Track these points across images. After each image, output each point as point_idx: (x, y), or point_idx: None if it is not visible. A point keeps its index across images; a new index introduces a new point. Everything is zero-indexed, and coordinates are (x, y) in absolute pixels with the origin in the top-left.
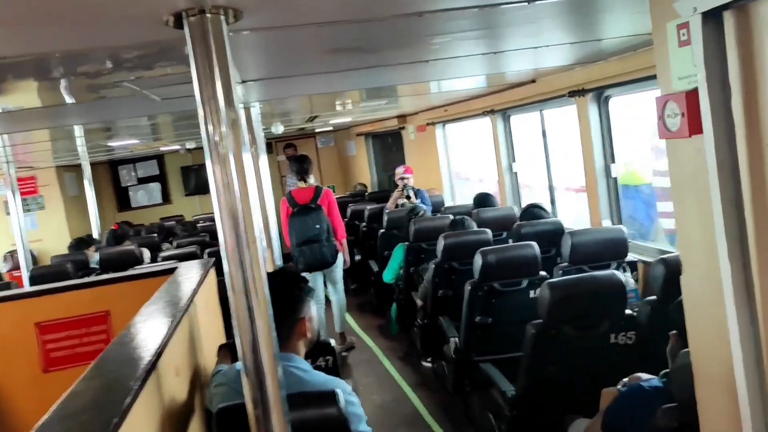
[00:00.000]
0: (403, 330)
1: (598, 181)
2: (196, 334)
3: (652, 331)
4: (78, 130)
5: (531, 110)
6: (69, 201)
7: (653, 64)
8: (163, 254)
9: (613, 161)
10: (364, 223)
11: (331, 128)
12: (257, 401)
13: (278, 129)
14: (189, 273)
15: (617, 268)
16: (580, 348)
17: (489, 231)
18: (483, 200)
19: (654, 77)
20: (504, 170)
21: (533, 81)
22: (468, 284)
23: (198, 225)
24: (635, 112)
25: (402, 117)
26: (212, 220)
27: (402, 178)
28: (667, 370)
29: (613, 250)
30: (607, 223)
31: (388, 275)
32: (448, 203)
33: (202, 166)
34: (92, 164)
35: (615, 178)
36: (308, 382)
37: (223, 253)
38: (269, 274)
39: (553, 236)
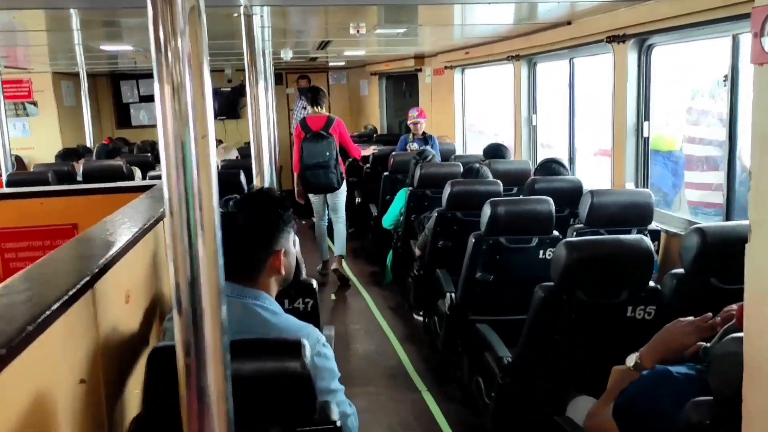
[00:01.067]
0: (398, 280)
1: (627, 139)
2: (160, 260)
3: (677, 308)
4: (74, 18)
5: (560, 57)
6: (64, 111)
7: (712, 5)
8: (152, 173)
9: (647, 119)
10: (368, 165)
11: (344, 63)
12: (189, 346)
13: (287, 54)
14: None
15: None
16: (593, 318)
17: (500, 183)
18: (495, 151)
19: (710, 22)
20: (522, 121)
21: (568, 23)
22: (472, 236)
23: None
24: (673, 68)
25: (420, 58)
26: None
27: (415, 123)
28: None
29: (637, 215)
30: (630, 185)
31: (388, 221)
32: (459, 153)
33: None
34: (92, 76)
35: (646, 138)
36: (275, 326)
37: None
38: (245, 195)
39: (570, 195)
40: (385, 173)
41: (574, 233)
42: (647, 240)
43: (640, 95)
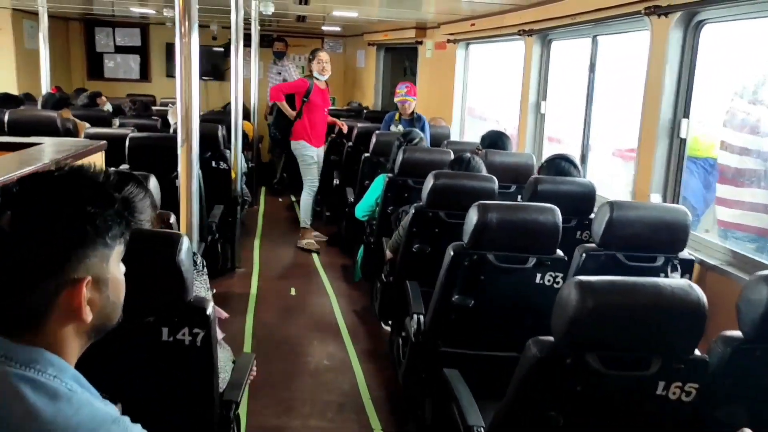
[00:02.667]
0: (368, 279)
1: (657, 139)
2: None
3: (727, 389)
4: None
5: (581, 34)
6: (24, 54)
7: None
8: (89, 130)
9: (686, 116)
10: (350, 143)
11: (339, 28)
12: None
13: (268, 8)
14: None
15: (665, 265)
16: (608, 396)
17: (495, 180)
18: (494, 139)
19: None
20: (529, 107)
21: None
22: (451, 248)
23: (153, 107)
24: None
25: (421, 29)
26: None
27: (403, 101)
28: None
29: (667, 238)
30: (656, 198)
31: (361, 210)
32: (454, 139)
33: None
34: (62, 18)
35: (683, 140)
36: (46, 423)
37: None
38: (29, 178)
39: (580, 202)
40: (366, 155)
41: (584, 255)
42: (698, 291)
43: (681, 86)
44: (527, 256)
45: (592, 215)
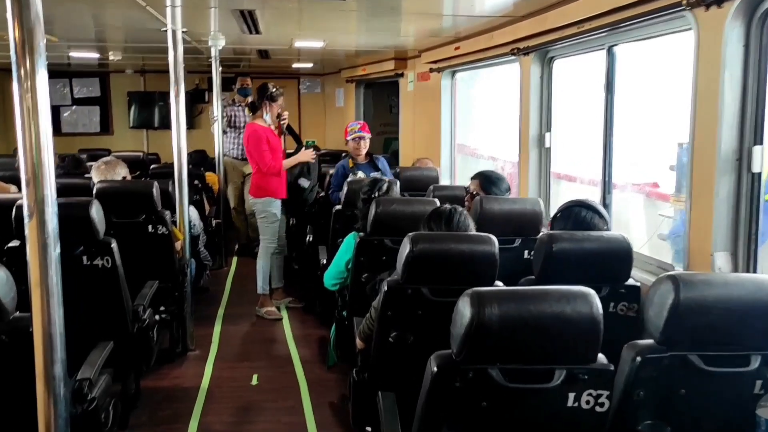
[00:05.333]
0: (346, 361)
1: (718, 174)
2: None
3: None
4: None
5: (591, 46)
6: None
7: None
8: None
9: (759, 142)
10: (322, 192)
11: (312, 65)
12: None
13: (218, 42)
14: None
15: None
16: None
17: (494, 241)
18: (489, 182)
19: None
20: (530, 141)
21: None
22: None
23: (88, 164)
24: None
25: (401, 60)
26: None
27: (358, 139)
28: None
29: (763, 327)
30: (723, 259)
31: (330, 277)
32: (444, 182)
33: (156, 93)
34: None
35: (757, 174)
36: None
37: None
38: None
39: (612, 264)
40: (337, 207)
41: (638, 360)
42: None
43: (748, 101)
44: (553, 368)
45: (631, 281)
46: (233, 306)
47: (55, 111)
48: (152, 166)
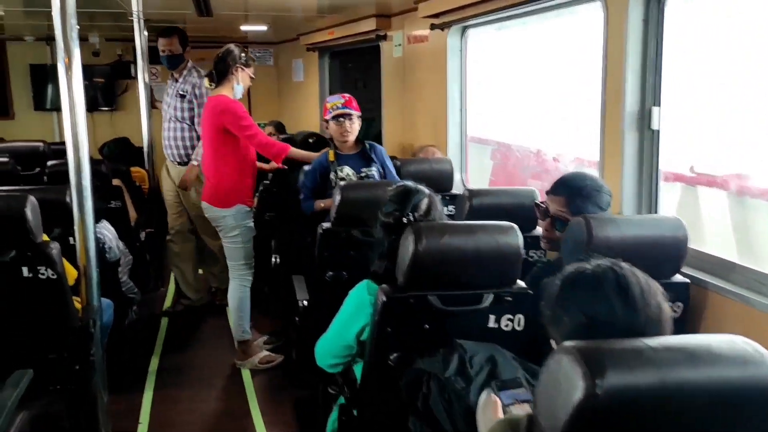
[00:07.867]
0: None
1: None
2: None
3: None
4: None
5: None
6: None
7: None
8: None
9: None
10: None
11: (266, 28)
12: None
13: None
14: None
15: None
16: None
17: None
18: (581, 196)
19: None
20: (625, 121)
21: None
22: None
23: None
24: None
25: (384, 17)
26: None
27: (341, 116)
28: None
29: None
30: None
31: (328, 354)
32: (457, 177)
33: None
34: None
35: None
36: None
37: None
38: None
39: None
40: (324, 225)
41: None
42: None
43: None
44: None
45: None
46: (172, 353)
47: None
48: (50, 163)
